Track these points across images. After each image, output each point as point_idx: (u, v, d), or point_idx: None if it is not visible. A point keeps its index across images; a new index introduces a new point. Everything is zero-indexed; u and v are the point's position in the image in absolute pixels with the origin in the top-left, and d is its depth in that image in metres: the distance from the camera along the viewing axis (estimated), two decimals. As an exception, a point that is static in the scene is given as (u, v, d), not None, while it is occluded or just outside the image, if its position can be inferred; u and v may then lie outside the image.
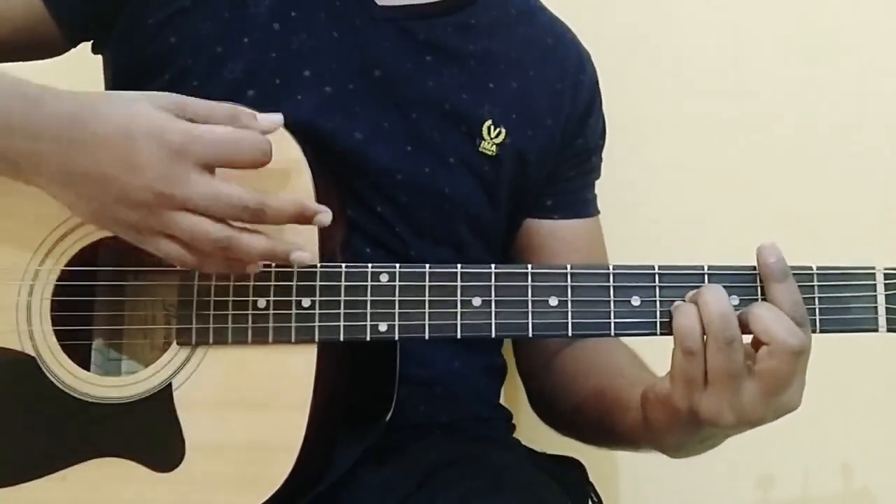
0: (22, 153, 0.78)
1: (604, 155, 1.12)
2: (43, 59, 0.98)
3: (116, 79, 1.00)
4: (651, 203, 1.29)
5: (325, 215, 0.81)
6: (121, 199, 0.77)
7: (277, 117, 0.82)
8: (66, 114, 0.77)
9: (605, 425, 0.96)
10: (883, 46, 1.27)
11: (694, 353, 0.79)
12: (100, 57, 1.02)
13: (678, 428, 0.84)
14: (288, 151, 0.85)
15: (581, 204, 1.10)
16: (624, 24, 1.29)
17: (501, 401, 1.14)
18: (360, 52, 0.97)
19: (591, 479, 1.03)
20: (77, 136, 0.76)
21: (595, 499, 1.02)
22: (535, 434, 1.18)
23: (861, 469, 1.24)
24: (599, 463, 1.12)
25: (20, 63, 0.95)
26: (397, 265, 0.84)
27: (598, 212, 1.12)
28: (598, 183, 1.12)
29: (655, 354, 0.91)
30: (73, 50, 0.99)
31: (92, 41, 1.00)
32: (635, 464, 1.29)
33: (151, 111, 0.77)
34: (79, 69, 1.03)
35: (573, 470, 1.03)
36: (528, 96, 1.03)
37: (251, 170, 0.79)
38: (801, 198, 1.26)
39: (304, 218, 0.80)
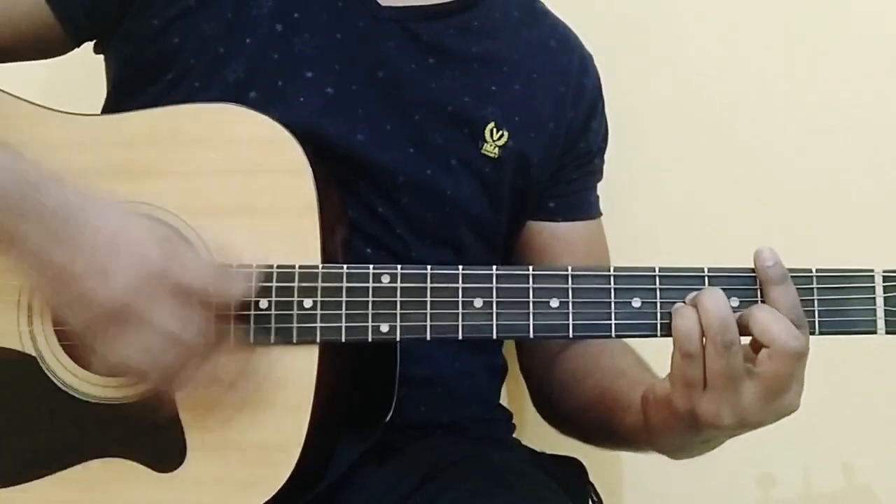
0: (6, 228, 0.76)
1: (606, 157, 1.12)
2: (46, 59, 0.98)
3: (118, 79, 1.00)
4: (652, 205, 1.29)
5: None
6: (81, 299, 0.76)
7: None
8: (62, 207, 0.76)
9: (606, 426, 0.97)
10: (885, 47, 1.27)
11: (693, 356, 0.80)
12: (101, 57, 1.02)
13: (678, 430, 0.84)
14: (289, 153, 0.85)
15: (583, 206, 1.10)
16: (627, 27, 1.29)
17: (502, 401, 1.14)
18: (363, 53, 0.97)
19: (593, 479, 1.03)
20: (64, 233, 0.76)
21: (595, 498, 1.02)
22: (536, 434, 1.18)
23: (862, 468, 1.24)
24: (601, 463, 1.12)
25: (22, 63, 0.96)
26: (398, 266, 0.84)
27: (601, 214, 1.12)
28: (599, 185, 1.12)
29: (656, 356, 0.91)
30: (74, 50, 0.99)
31: (94, 41, 1.00)
32: (637, 464, 1.29)
33: (144, 233, 0.78)
34: (80, 69, 1.03)
35: (573, 470, 1.03)
36: (530, 99, 1.03)
37: (252, 172, 0.79)
38: (802, 200, 1.26)
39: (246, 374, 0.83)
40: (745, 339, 0.81)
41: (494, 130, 1.01)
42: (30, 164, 0.78)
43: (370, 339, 0.84)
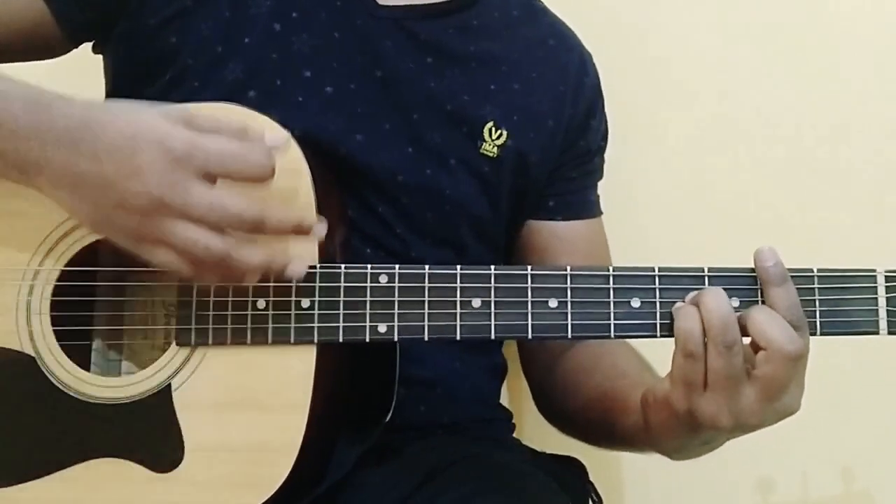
0: (27, 157, 0.78)
1: (605, 156, 1.12)
2: (44, 59, 0.98)
3: (117, 79, 1.00)
4: (652, 204, 1.29)
5: (322, 226, 0.81)
6: (119, 205, 0.76)
7: (284, 135, 0.81)
8: (74, 119, 0.77)
9: (607, 427, 0.96)
10: (884, 49, 1.26)
11: (695, 357, 0.79)
12: (100, 57, 1.02)
13: (677, 430, 0.84)
14: (288, 152, 0.85)
15: (583, 205, 1.10)
16: (626, 25, 1.29)
17: (502, 401, 1.14)
18: (362, 52, 0.97)
19: (593, 479, 1.03)
20: (82, 141, 0.76)
21: (595, 498, 1.01)
22: (536, 434, 1.18)
23: (861, 472, 1.24)
24: (601, 463, 1.12)
25: (20, 64, 0.96)
26: (396, 266, 0.84)
27: (601, 212, 1.12)
28: (599, 184, 1.12)
29: (657, 356, 0.91)
30: (73, 50, 0.99)
31: (93, 41, 1.01)
32: (638, 464, 1.29)
33: (157, 119, 0.77)
34: (79, 69, 1.03)
35: (573, 470, 1.03)
36: (529, 98, 1.03)
37: None
38: (803, 200, 1.26)
39: (301, 230, 0.80)
40: (747, 339, 0.80)
41: (493, 130, 1.00)
42: (31, 86, 0.79)
43: (368, 340, 0.84)
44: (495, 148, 1.00)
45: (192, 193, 0.75)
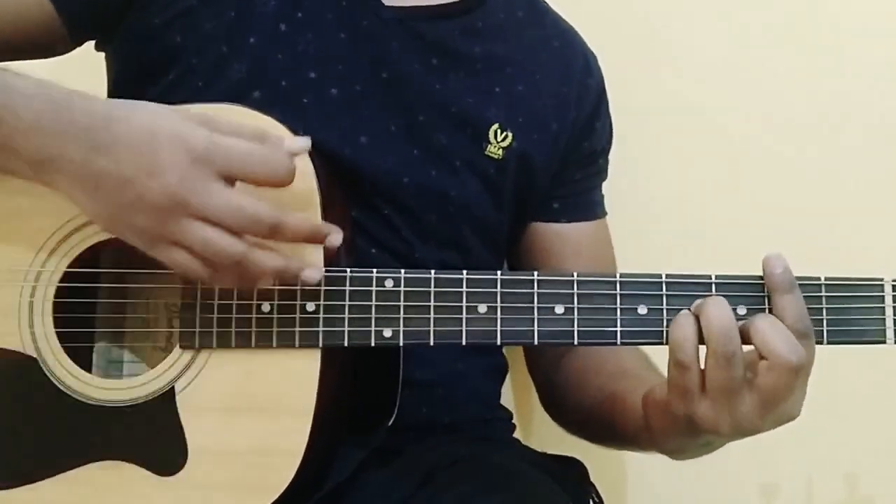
0: (48, 154, 0.77)
1: (610, 158, 1.12)
2: (48, 57, 0.97)
3: (119, 77, 1.00)
4: (658, 210, 1.29)
5: (337, 236, 0.81)
6: (137, 203, 0.76)
7: (305, 140, 0.81)
8: (95, 117, 0.77)
9: (610, 427, 0.97)
10: (892, 50, 1.26)
11: (686, 367, 0.79)
12: (102, 55, 1.02)
13: (677, 433, 0.85)
14: None
15: (588, 206, 1.10)
16: (630, 26, 1.28)
17: (503, 401, 1.14)
18: (367, 53, 0.97)
19: (594, 479, 1.03)
20: (102, 140, 0.76)
21: (596, 499, 1.02)
22: (536, 434, 1.18)
23: (865, 478, 1.24)
24: (603, 463, 1.12)
25: (23, 62, 0.95)
26: (402, 271, 0.84)
27: (606, 213, 1.11)
28: (605, 186, 1.12)
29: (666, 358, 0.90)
30: (76, 49, 0.99)
31: (96, 39, 1.00)
32: (639, 465, 1.29)
33: (178, 119, 0.77)
34: (81, 68, 1.02)
35: (574, 470, 1.03)
36: (534, 99, 1.02)
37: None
38: (811, 207, 1.26)
39: (316, 238, 0.80)
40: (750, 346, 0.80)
41: (498, 132, 1.00)
42: (52, 84, 0.79)
43: (373, 344, 0.83)
44: (500, 150, 1.00)
45: (210, 193, 0.75)
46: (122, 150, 0.76)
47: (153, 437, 0.84)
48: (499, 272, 0.83)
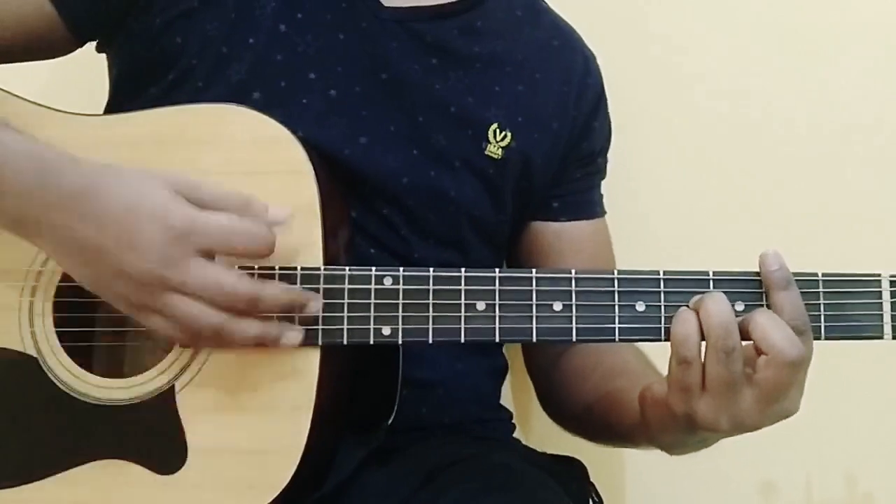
0: (28, 214, 0.78)
1: (609, 157, 1.12)
2: (49, 58, 0.98)
3: (120, 78, 1.00)
4: (656, 207, 1.29)
5: (316, 304, 0.82)
6: (118, 274, 0.78)
7: (286, 210, 0.82)
8: (79, 186, 0.77)
9: (607, 424, 0.97)
10: (890, 50, 1.26)
11: (689, 363, 0.79)
12: (104, 56, 1.02)
13: (674, 429, 0.85)
14: (292, 153, 0.85)
15: (587, 205, 1.10)
16: (629, 26, 1.29)
17: (503, 401, 1.14)
18: (367, 54, 0.97)
19: (594, 479, 1.03)
20: (85, 208, 0.77)
21: (596, 499, 1.02)
22: (536, 434, 1.18)
23: (864, 476, 1.24)
24: (602, 463, 1.12)
25: (24, 64, 0.95)
26: (401, 269, 0.84)
27: (605, 212, 1.12)
28: (603, 184, 1.12)
29: (663, 355, 0.90)
30: (77, 50, 0.99)
31: (97, 40, 1.00)
32: (639, 465, 1.29)
33: (162, 192, 0.78)
34: (82, 69, 1.03)
35: (574, 470, 1.03)
36: (533, 99, 1.02)
37: (254, 172, 0.79)
38: (808, 203, 1.26)
39: (294, 309, 0.82)
40: (749, 342, 0.80)
41: (498, 131, 1.00)
42: (43, 146, 0.79)
43: (372, 342, 0.83)
44: (500, 150, 1.00)
45: (189, 269, 0.77)
46: (104, 221, 0.77)
47: (153, 436, 0.84)
48: (497, 270, 0.84)
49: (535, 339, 0.83)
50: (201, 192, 0.79)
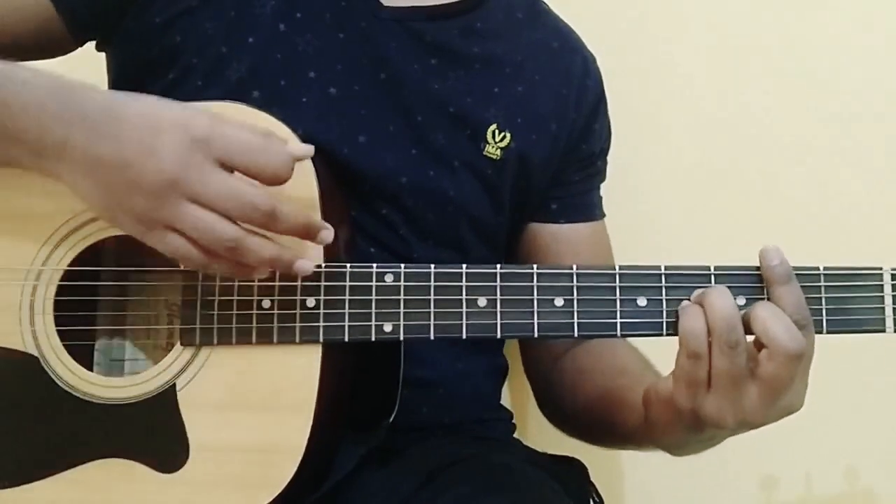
0: (50, 139, 0.78)
1: (609, 157, 1.12)
2: (48, 57, 0.97)
3: (120, 77, 1.00)
4: (658, 203, 1.29)
5: (328, 233, 0.80)
6: (134, 186, 0.76)
7: (309, 148, 0.81)
8: (101, 104, 0.78)
9: (607, 425, 0.97)
10: (889, 45, 1.27)
11: (700, 357, 0.79)
12: (103, 55, 1.02)
13: (679, 428, 0.84)
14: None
15: (586, 207, 1.10)
16: (629, 27, 1.29)
17: (503, 401, 1.14)
18: (366, 53, 0.97)
19: (594, 479, 1.03)
20: (106, 124, 0.77)
21: (596, 499, 1.01)
22: (537, 434, 1.18)
23: (865, 471, 1.24)
24: (602, 463, 1.12)
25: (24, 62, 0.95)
26: (402, 265, 0.84)
27: (604, 215, 1.12)
28: (603, 183, 1.12)
29: (660, 354, 0.91)
30: (76, 49, 0.99)
31: (96, 39, 1.00)
32: (639, 465, 1.29)
33: (181, 107, 0.77)
34: (81, 68, 1.02)
35: (574, 470, 1.03)
36: (533, 100, 1.03)
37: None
38: (809, 197, 1.26)
39: (310, 232, 0.80)
40: (751, 337, 0.80)
41: (497, 132, 1.00)
42: (56, 75, 0.79)
43: (374, 339, 0.83)
44: (498, 150, 1.00)
45: (207, 176, 0.75)
46: (125, 134, 0.76)
47: (155, 435, 0.84)
48: (498, 266, 0.84)
49: (536, 335, 0.83)
50: (224, 115, 0.78)
